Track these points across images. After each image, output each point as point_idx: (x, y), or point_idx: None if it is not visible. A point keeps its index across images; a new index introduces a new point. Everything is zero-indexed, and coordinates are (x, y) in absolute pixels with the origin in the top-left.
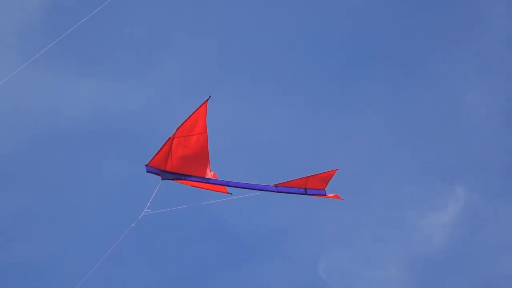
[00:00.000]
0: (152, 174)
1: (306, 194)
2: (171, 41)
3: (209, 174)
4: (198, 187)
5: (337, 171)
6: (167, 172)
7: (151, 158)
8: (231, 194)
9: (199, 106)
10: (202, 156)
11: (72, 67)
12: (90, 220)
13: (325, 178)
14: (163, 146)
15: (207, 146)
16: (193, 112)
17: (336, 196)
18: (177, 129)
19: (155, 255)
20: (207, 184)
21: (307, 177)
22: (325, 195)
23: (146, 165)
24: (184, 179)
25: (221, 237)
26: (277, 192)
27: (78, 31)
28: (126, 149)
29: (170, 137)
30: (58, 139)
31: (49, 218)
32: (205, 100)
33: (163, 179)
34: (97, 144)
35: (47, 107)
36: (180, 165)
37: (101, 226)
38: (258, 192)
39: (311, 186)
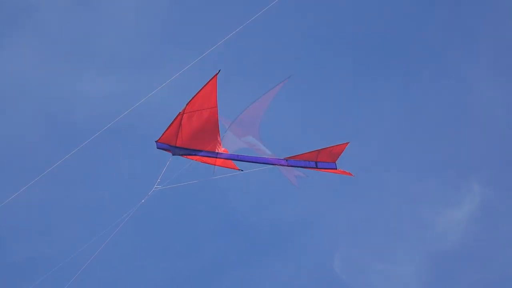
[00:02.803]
0: (162, 150)
1: (316, 168)
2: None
3: (220, 150)
4: (208, 163)
5: (348, 144)
6: (177, 147)
7: (161, 134)
8: (241, 170)
9: (208, 80)
10: (212, 131)
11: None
12: (101, 196)
13: (336, 152)
14: (173, 121)
15: (218, 121)
16: (203, 87)
17: (347, 172)
18: (187, 104)
19: (165, 231)
20: (217, 160)
21: (318, 150)
22: (336, 168)
23: (156, 141)
24: (194, 155)
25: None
26: (287, 165)
27: None
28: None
29: (180, 112)
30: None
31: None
32: (215, 74)
33: (173, 154)
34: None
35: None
36: (190, 140)
37: (112, 202)
38: (269, 166)
39: (321, 159)
